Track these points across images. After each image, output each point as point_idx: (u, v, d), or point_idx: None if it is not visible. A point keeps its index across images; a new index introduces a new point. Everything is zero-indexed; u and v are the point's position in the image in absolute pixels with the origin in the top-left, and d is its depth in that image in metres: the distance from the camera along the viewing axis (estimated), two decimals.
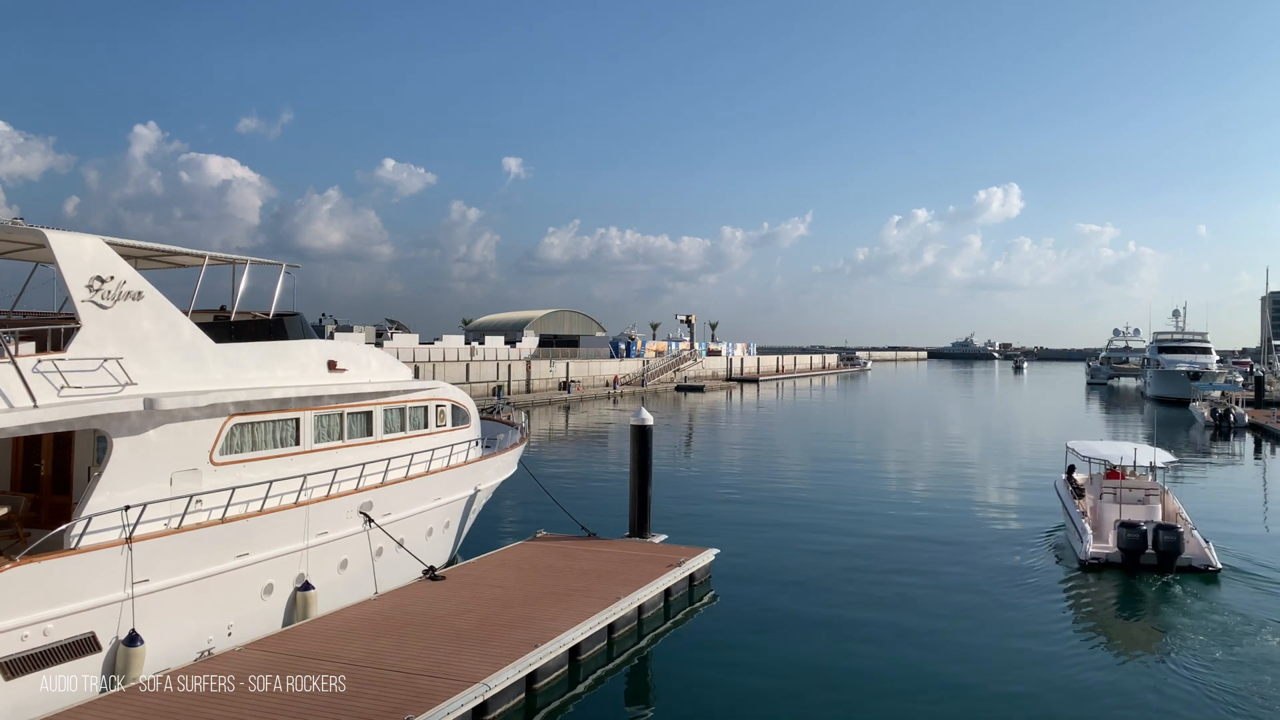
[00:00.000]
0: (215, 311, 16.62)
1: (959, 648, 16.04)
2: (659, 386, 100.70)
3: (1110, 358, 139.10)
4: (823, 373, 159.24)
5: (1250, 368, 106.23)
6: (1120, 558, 20.72)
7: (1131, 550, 20.49)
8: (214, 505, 13.72)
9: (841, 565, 21.91)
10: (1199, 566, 20.43)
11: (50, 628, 11.29)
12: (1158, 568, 20.39)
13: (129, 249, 14.83)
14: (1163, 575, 20.13)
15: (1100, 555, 21.02)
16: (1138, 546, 20.42)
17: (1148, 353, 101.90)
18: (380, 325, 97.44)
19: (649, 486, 22.11)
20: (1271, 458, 48.09)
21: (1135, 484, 23.43)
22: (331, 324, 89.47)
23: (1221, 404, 64.42)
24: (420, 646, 13.53)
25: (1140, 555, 20.47)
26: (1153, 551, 20.43)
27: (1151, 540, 20.42)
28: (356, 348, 18.82)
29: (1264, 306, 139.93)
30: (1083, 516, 23.02)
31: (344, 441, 16.86)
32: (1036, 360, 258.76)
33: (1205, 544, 21.09)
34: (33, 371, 11.81)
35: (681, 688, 14.28)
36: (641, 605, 16.70)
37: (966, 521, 27.88)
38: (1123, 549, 20.63)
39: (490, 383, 76.32)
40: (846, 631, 16.87)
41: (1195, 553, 20.73)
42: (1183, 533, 20.70)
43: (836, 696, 13.85)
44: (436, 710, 11.16)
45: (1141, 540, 20.41)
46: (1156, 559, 20.42)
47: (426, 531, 18.63)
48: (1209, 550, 20.84)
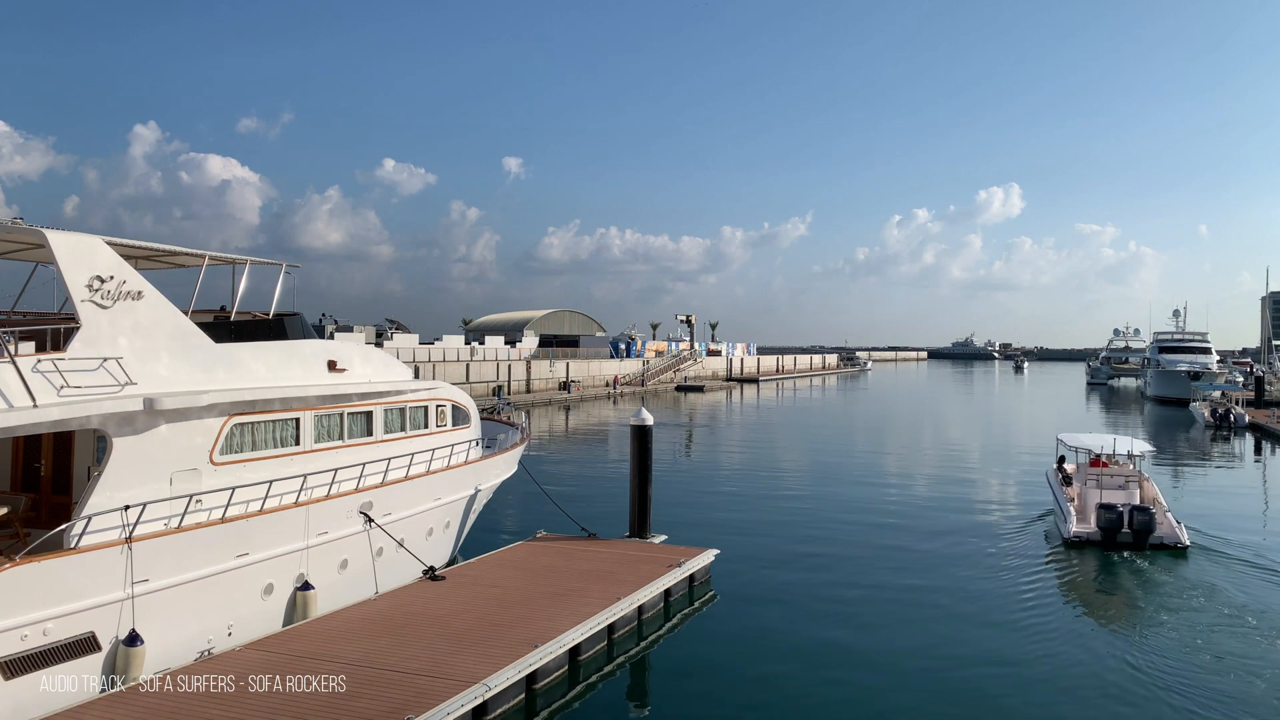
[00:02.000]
0: (215, 311, 16.62)
1: (958, 637, 16.19)
2: (659, 386, 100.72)
3: (1110, 358, 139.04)
4: (823, 373, 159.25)
5: (1250, 368, 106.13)
6: (1099, 536, 22.93)
7: (1109, 529, 22.71)
8: (214, 505, 13.71)
9: (842, 564, 21.93)
10: (1169, 544, 22.60)
11: (50, 627, 11.29)
12: (1133, 545, 22.55)
13: (129, 249, 14.84)
14: (1137, 552, 22.27)
15: (1082, 534, 23.33)
16: (1115, 526, 22.65)
17: (1148, 353, 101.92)
18: (380, 325, 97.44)
19: (649, 486, 22.11)
20: (1271, 457, 48.09)
21: (1116, 471, 25.56)
22: (331, 324, 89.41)
23: (1222, 404, 64.39)
24: (420, 646, 13.53)
25: (1117, 534, 22.69)
26: (1128, 530, 22.61)
27: (1127, 520, 22.61)
28: (357, 348, 18.82)
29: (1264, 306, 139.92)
30: (1069, 501, 25.31)
31: (344, 441, 16.85)
32: (1036, 360, 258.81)
33: (1177, 524, 23.26)
34: (33, 371, 11.81)
35: (681, 688, 14.28)
36: (641, 606, 16.70)
37: (964, 512, 29.08)
38: (1101, 528, 22.85)
39: (490, 383, 76.33)
40: (847, 631, 16.86)
41: (1167, 532, 22.92)
42: (1155, 513, 22.94)
43: (837, 696, 13.85)
44: (436, 710, 11.16)
45: (1118, 520, 22.63)
46: (1132, 537, 22.60)
47: (427, 531, 18.62)
48: (1180, 529, 23.00)
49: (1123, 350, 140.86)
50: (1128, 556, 21.95)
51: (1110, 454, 26.27)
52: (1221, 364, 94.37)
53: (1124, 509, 22.88)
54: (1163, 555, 22.14)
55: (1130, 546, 22.48)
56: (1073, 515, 24.11)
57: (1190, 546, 22.50)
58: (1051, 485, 27.92)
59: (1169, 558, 21.98)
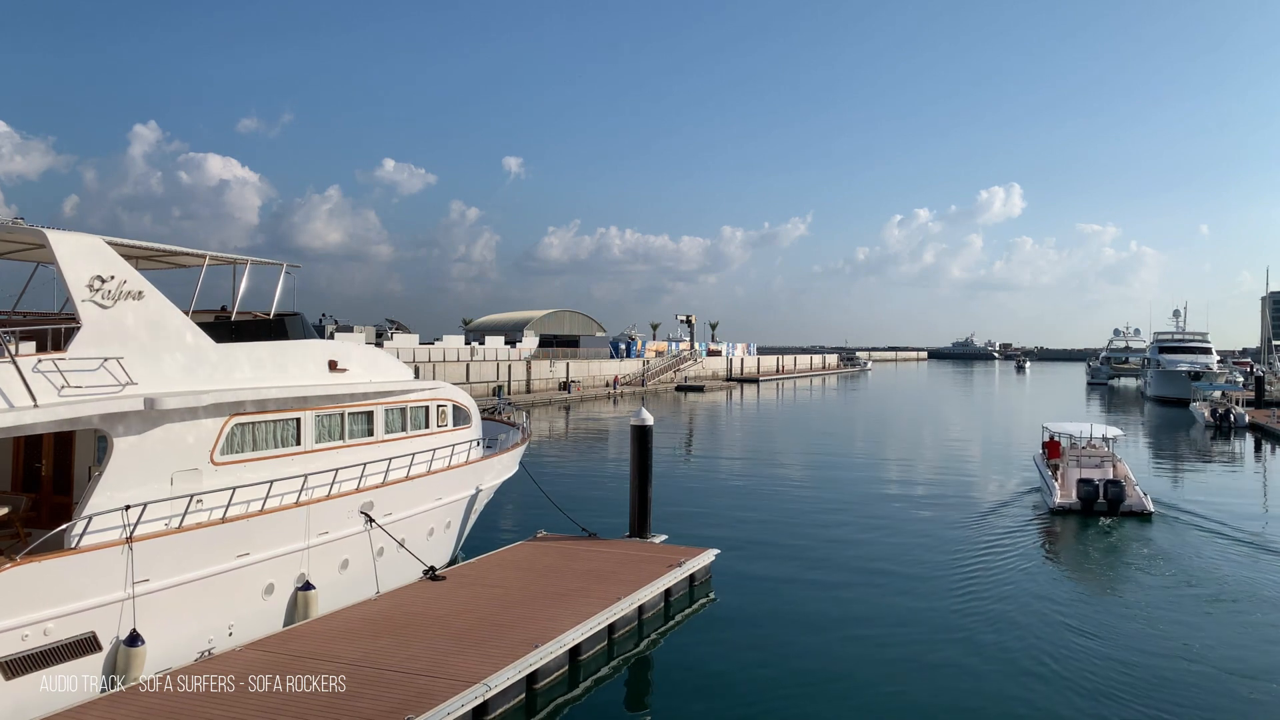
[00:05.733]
0: (216, 311, 16.63)
1: (958, 636, 16.15)
2: (659, 386, 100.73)
3: (1110, 358, 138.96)
4: (823, 373, 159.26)
5: (1250, 368, 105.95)
6: (1079, 505, 27.47)
7: (1087, 500, 27.33)
8: (215, 505, 13.72)
9: (843, 564, 21.94)
10: (1137, 511, 27.23)
11: (51, 627, 11.29)
12: (1107, 512, 27.10)
13: (130, 249, 14.85)
14: (1110, 518, 26.78)
15: (1064, 504, 27.82)
16: (1092, 496, 27.29)
17: (1148, 353, 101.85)
18: (380, 325, 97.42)
19: (649, 486, 22.10)
20: (1271, 457, 48.07)
21: (1093, 452, 30.96)
22: (332, 324, 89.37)
23: (1222, 404, 64.35)
24: (421, 646, 13.54)
25: (1094, 503, 27.26)
26: (1103, 500, 27.24)
27: (1102, 492, 27.32)
28: (357, 348, 18.84)
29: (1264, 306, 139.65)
30: (1053, 477, 30.10)
31: (345, 441, 16.86)
32: (1037, 360, 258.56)
33: (1144, 495, 28.20)
34: (33, 371, 11.81)
35: (682, 688, 14.28)
36: (642, 606, 16.70)
37: (962, 499, 31.74)
38: (1081, 499, 27.46)
39: (490, 383, 76.34)
40: (848, 630, 16.87)
41: (1135, 501, 27.62)
42: (1125, 486, 27.90)
43: (838, 696, 13.85)
44: (437, 710, 11.16)
45: (1095, 492, 27.32)
46: (1106, 506, 27.20)
47: (427, 531, 18.63)
48: (1146, 499, 27.85)
49: (1123, 350, 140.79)
50: (1103, 522, 26.35)
51: (1089, 438, 31.53)
52: (1221, 364, 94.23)
53: (1100, 483, 27.60)
54: (1130, 520, 26.74)
55: (1105, 513, 27.01)
56: (1057, 489, 28.86)
57: (1154, 513, 27.13)
58: (1038, 465, 33.09)
59: (1136, 522, 26.61)
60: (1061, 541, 24.95)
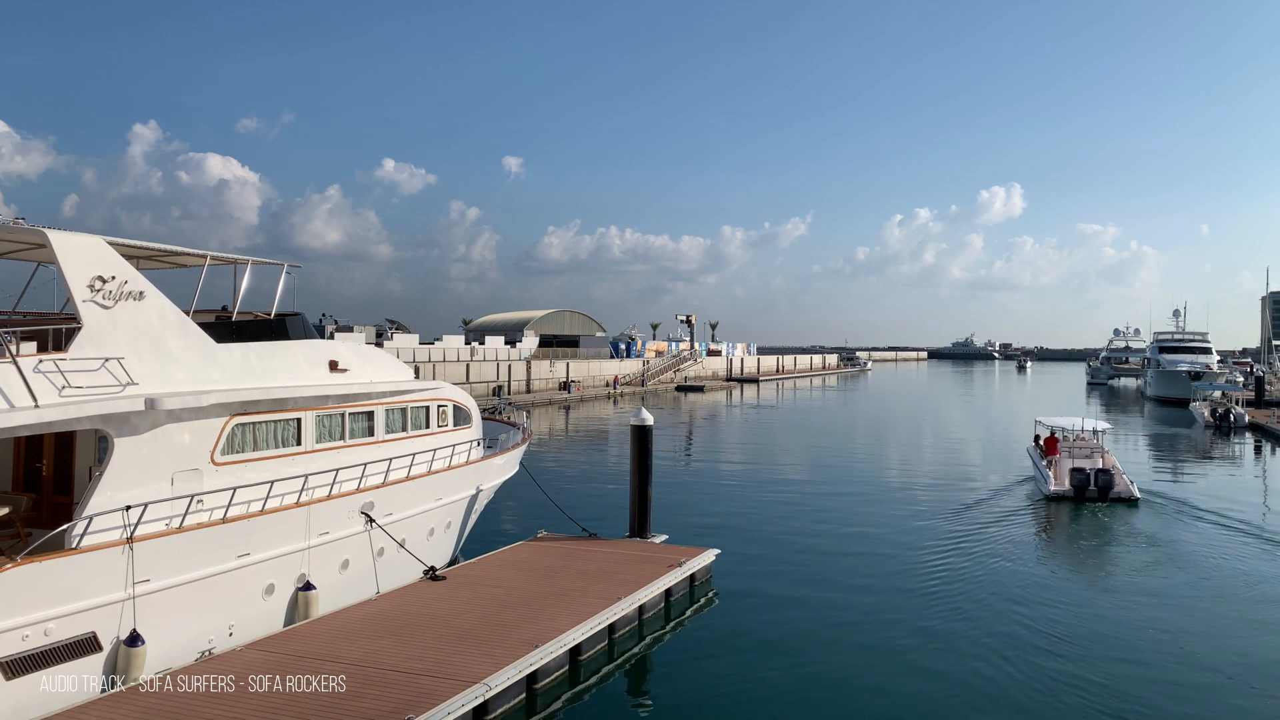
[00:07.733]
0: (217, 311, 16.62)
1: (958, 632, 16.13)
2: (659, 386, 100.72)
3: (1111, 358, 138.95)
4: (823, 373, 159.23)
5: (1250, 368, 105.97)
6: (1071, 493, 29.74)
7: (1079, 487, 29.57)
8: (215, 505, 13.72)
9: (843, 563, 21.93)
10: (1124, 497, 29.54)
11: (51, 627, 11.29)
12: (1096, 499, 29.33)
13: (130, 249, 14.84)
14: (1099, 503, 29.05)
15: (1057, 492, 30.06)
16: (1083, 484, 29.52)
17: (1148, 353, 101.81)
18: (380, 325, 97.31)
19: (649, 486, 22.11)
20: (1271, 457, 48.08)
21: (1084, 443, 32.99)
22: (332, 324, 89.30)
23: (1222, 404, 64.31)
24: (421, 646, 13.54)
25: (1085, 491, 29.46)
26: (1094, 488, 29.44)
27: (1092, 480, 29.55)
28: (358, 348, 18.84)
29: (1264, 306, 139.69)
30: (1046, 467, 32.00)
31: (345, 441, 16.85)
32: (1037, 360, 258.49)
33: (1131, 483, 30.43)
34: (34, 371, 11.81)
35: (682, 688, 14.28)
36: (642, 606, 16.71)
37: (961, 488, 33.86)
38: (1073, 486, 29.73)
39: (490, 383, 76.33)
40: (848, 630, 16.87)
41: (1122, 488, 29.86)
42: (1113, 475, 30.07)
43: (839, 695, 13.86)
44: (437, 710, 11.16)
45: (1086, 480, 29.58)
46: (1096, 493, 29.38)
47: (428, 532, 18.63)
48: (1133, 487, 30.12)
49: (1123, 350, 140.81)
50: (1093, 508, 28.61)
51: (1080, 430, 33.75)
52: (1222, 364, 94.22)
53: (1090, 472, 29.91)
54: (1119, 506, 29.08)
55: (1095, 500, 29.29)
56: (1050, 478, 30.98)
57: (1140, 499, 29.43)
58: (1032, 456, 35.28)
59: (1124, 508, 28.90)
60: (1057, 526, 27.20)
